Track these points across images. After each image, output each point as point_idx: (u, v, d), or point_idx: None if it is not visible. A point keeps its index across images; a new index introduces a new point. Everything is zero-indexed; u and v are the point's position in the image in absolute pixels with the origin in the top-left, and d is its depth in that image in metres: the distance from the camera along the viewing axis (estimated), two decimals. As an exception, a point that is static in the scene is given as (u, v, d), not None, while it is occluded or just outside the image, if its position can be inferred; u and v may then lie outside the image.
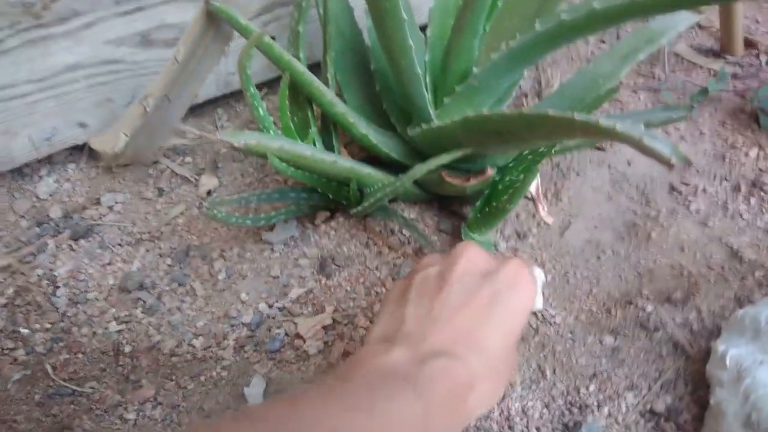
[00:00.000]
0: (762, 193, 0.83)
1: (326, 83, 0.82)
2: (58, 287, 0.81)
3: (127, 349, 0.74)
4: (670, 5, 0.56)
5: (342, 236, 0.84)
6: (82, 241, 0.86)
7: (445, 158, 0.67)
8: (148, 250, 0.85)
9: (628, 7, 0.56)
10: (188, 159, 0.97)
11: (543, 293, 0.74)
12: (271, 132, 0.76)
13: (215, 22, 0.74)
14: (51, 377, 0.73)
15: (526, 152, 0.74)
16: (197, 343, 0.73)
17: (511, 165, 0.73)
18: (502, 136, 0.62)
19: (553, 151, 0.69)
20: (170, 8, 0.89)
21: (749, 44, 1.09)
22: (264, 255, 0.82)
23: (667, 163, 0.41)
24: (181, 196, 0.92)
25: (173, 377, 0.70)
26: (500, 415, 0.63)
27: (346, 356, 0.69)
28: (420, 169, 0.67)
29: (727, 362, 0.58)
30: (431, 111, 0.78)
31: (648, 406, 0.63)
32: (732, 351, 0.59)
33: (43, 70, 0.86)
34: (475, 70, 0.74)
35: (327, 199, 0.84)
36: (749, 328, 0.60)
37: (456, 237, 0.82)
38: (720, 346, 0.62)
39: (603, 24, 0.63)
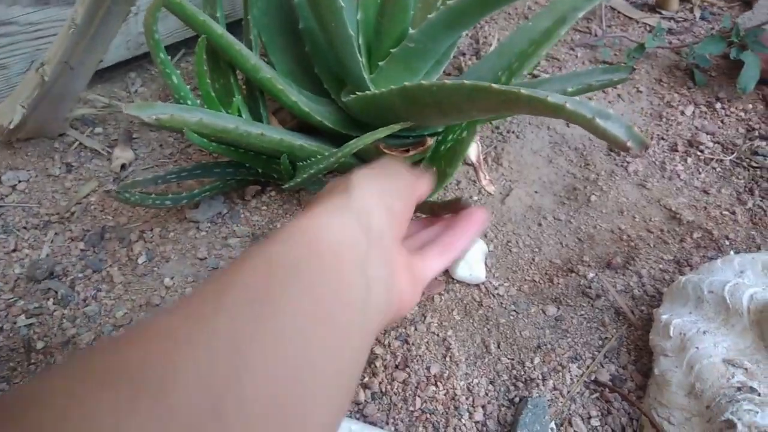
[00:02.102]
0: (698, 153, 0.83)
1: (249, 46, 0.75)
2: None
3: (40, 345, 0.67)
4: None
5: (274, 212, 0.78)
6: (-19, 226, 0.78)
7: (382, 132, 0.62)
8: (57, 234, 0.77)
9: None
10: (98, 130, 0.88)
11: (486, 264, 0.72)
12: (189, 102, 0.69)
13: (117, -23, 0.65)
14: (-47, 381, 0.65)
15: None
16: (117, 334, 0.67)
17: (453, 126, 0.69)
18: (441, 108, 0.57)
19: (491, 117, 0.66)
20: (67, -40, 0.79)
21: (683, -1, 1.09)
22: (189, 235, 0.76)
23: (622, 147, 0.38)
24: (92, 172, 0.84)
25: (92, 375, 0.64)
26: (445, 395, 0.61)
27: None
28: (356, 143, 0.62)
29: (671, 332, 0.58)
30: (366, 75, 0.73)
31: (592, 377, 0.62)
32: (675, 320, 0.58)
33: None
34: (411, 31, 0.69)
35: (256, 173, 0.78)
36: (692, 296, 0.59)
37: (394, 208, 0.78)
38: (662, 314, 0.61)
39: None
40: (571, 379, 0.62)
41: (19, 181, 0.83)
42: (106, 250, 0.75)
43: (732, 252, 0.71)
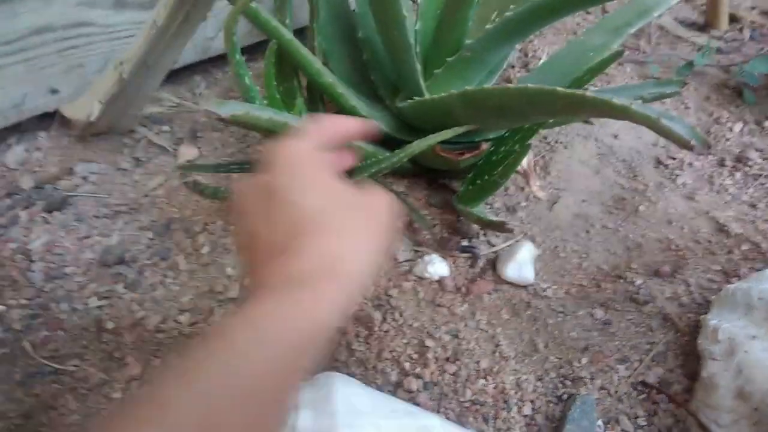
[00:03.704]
0: (746, 168, 0.84)
1: (313, 52, 0.79)
2: (33, 261, 0.78)
3: (110, 325, 0.71)
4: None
5: (329, 209, 0.82)
6: (56, 213, 0.83)
7: (445, 135, 0.65)
8: (126, 223, 0.82)
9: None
10: (166, 128, 0.94)
11: (534, 267, 0.74)
12: (257, 102, 0.73)
13: (198, -16, 0.70)
14: (31, 356, 0.70)
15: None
16: (183, 318, 0.71)
17: (506, 137, 0.72)
18: (503, 112, 0.60)
19: (549, 122, 0.68)
20: (147, -32, 0.84)
21: (733, 19, 1.10)
22: (249, 228, 0.80)
23: (686, 146, 0.40)
24: (159, 167, 0.88)
25: (159, 354, 0.68)
26: (495, 388, 0.63)
27: (340, 333, 0.68)
28: (419, 145, 0.65)
29: (720, 336, 0.59)
30: (421, 83, 0.76)
31: (639, 378, 0.64)
32: (724, 325, 0.60)
33: (10, 32, 0.81)
34: (467, 41, 0.72)
35: (314, 171, 0.81)
36: (741, 303, 0.61)
37: (446, 210, 0.81)
38: (711, 320, 0.63)
39: (603, -4, 0.62)
40: (618, 379, 0.64)
41: (91, 173, 0.88)
42: (173, 240, 0.79)
43: (780, 264, 0.72)
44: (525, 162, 0.82)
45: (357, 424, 0.49)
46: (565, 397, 0.62)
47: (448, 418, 0.61)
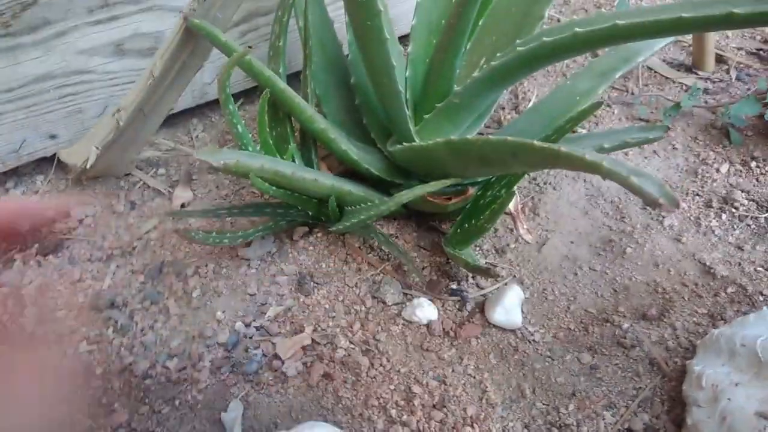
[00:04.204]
0: (733, 209, 0.85)
1: (306, 98, 0.81)
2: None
3: (98, 370, 0.72)
4: (649, 33, 0.57)
5: (320, 252, 0.83)
6: (50, 257, 0.84)
7: (432, 187, 0.67)
8: (119, 266, 0.83)
9: (610, 32, 0.57)
10: (161, 171, 0.95)
11: (522, 310, 0.74)
12: (250, 148, 0.75)
13: (193, 37, 0.72)
14: (19, 401, 0.70)
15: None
16: (171, 364, 0.72)
17: (492, 181, 0.73)
18: (486, 161, 0.62)
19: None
20: (146, 17, 0.87)
21: (720, 60, 1.12)
22: (240, 271, 0.81)
23: (654, 204, 0.41)
24: (153, 210, 0.90)
25: (147, 401, 0.69)
26: (481, 436, 0.63)
27: (327, 378, 0.69)
28: (407, 195, 0.66)
29: (704, 383, 0.59)
30: (411, 127, 0.78)
31: (626, 426, 0.64)
32: (708, 372, 0.60)
33: (12, 80, 0.83)
34: (456, 88, 0.74)
35: (305, 215, 0.83)
36: (725, 348, 0.61)
37: (435, 252, 0.82)
38: (696, 366, 0.63)
39: (584, 48, 0.63)
40: (605, 426, 0.64)
41: (86, 216, 0.89)
42: (164, 284, 0.80)
43: (765, 307, 0.72)
44: (512, 205, 0.83)
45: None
46: (551, 444, 0.62)
47: (433, 467, 0.60)
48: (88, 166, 0.79)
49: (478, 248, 0.83)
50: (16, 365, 0.34)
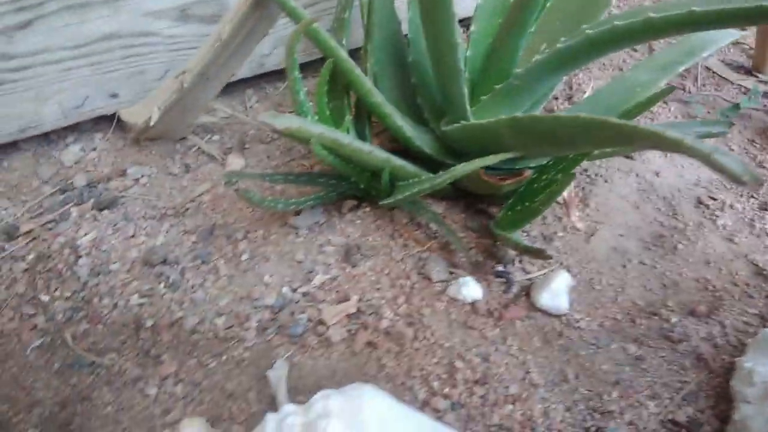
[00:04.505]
0: (789, 214, 0.84)
1: (365, 73, 0.81)
2: (80, 256, 0.81)
3: (149, 323, 0.74)
4: (726, 20, 0.56)
5: (368, 226, 0.83)
6: (106, 212, 0.86)
7: (492, 159, 0.67)
8: (172, 226, 0.85)
9: (685, 19, 0.56)
10: (216, 137, 0.97)
11: (568, 297, 0.74)
12: (309, 117, 0.76)
13: (263, 3, 0.73)
14: (70, 346, 0.72)
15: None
16: (219, 322, 0.73)
17: (549, 165, 0.73)
18: (552, 140, 0.62)
19: (593, 153, 0.69)
20: (212, -16, 0.89)
21: (782, 64, 1.09)
22: (288, 239, 0.82)
23: (738, 181, 0.41)
24: (207, 174, 0.92)
25: (195, 354, 0.70)
26: (522, 415, 0.63)
27: (371, 347, 0.70)
28: (464, 168, 0.66)
29: (754, 379, 0.59)
30: (468, 108, 0.78)
31: (670, 416, 0.63)
32: (760, 369, 0.59)
33: (80, 37, 0.86)
34: (517, 70, 0.74)
35: (355, 188, 0.84)
36: (779, 346, 0.60)
37: (483, 235, 0.82)
38: (746, 362, 0.62)
39: (656, 34, 0.63)
40: (648, 416, 0.63)
41: (142, 176, 0.91)
42: (215, 245, 0.82)
43: (821, 313, 0.71)
44: (565, 193, 0.82)
45: (386, 436, 0.50)
46: (593, 429, 0.62)
47: (474, 440, 0.61)
48: (151, 124, 0.80)
49: (525, 234, 0.83)
50: None
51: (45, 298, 0.77)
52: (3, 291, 0.78)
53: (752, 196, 0.87)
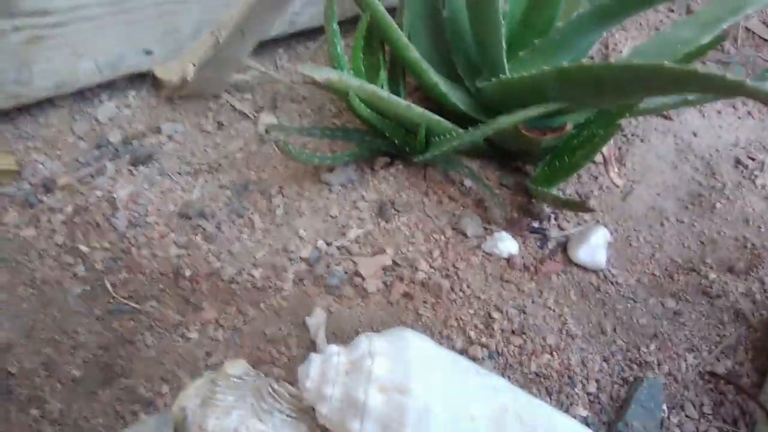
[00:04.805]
0: (831, 174, 0.82)
1: (401, 27, 0.81)
2: (117, 209, 0.82)
3: (187, 273, 0.75)
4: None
5: (401, 183, 0.83)
6: (141, 167, 0.87)
7: (535, 110, 0.66)
8: (207, 181, 0.85)
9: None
10: (248, 96, 0.97)
11: (606, 253, 0.74)
12: (345, 71, 0.76)
13: (299, -47, 0.73)
14: (111, 294, 0.74)
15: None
16: (257, 273, 0.74)
17: (591, 120, 0.72)
18: (601, 89, 0.60)
19: (636, 107, 0.68)
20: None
21: (825, 26, 1.07)
22: (322, 195, 0.82)
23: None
24: (239, 132, 0.92)
25: (234, 303, 0.71)
26: (560, 364, 0.63)
27: (407, 297, 0.70)
28: (506, 120, 0.66)
29: (798, 330, 0.58)
30: (505, 63, 0.77)
31: (708, 368, 0.63)
32: (804, 320, 0.59)
33: (115, -9, 0.86)
34: (558, 24, 0.72)
35: (388, 145, 0.83)
36: (824, 298, 0.59)
37: (518, 192, 0.82)
38: (789, 315, 0.61)
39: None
40: (686, 367, 0.63)
41: (176, 132, 0.92)
42: (249, 200, 0.82)
43: None
44: (604, 150, 0.82)
45: (430, 377, 0.50)
46: (630, 379, 0.62)
47: (512, 387, 0.61)
48: (189, 79, 0.81)
49: (560, 192, 0.82)
50: None
51: (84, 248, 0.78)
52: (42, 241, 0.79)
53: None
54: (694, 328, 0.67)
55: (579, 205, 0.70)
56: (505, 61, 0.77)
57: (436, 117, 0.77)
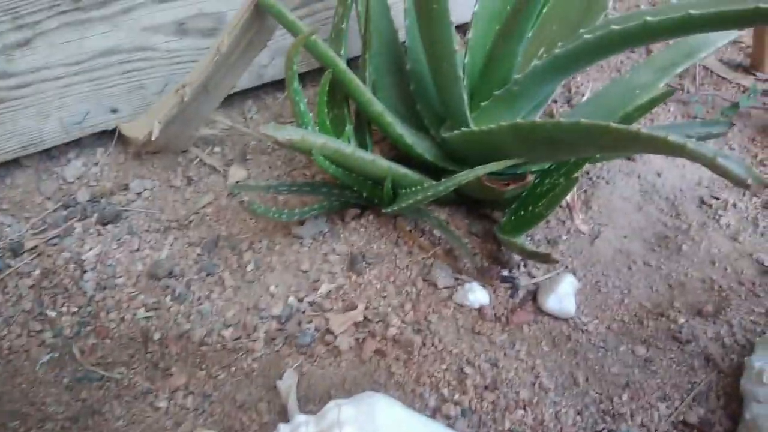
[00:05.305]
0: (792, 211, 0.84)
1: (364, 82, 0.82)
2: (85, 271, 0.81)
3: (156, 335, 0.74)
4: (723, 23, 0.56)
5: (372, 234, 0.83)
6: (109, 226, 0.86)
7: (495, 167, 0.67)
8: (176, 238, 0.85)
9: (682, 22, 0.56)
10: (217, 149, 0.97)
11: (575, 300, 0.74)
12: (309, 128, 0.76)
13: (261, 15, 0.74)
14: (79, 361, 0.73)
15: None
16: (227, 333, 0.73)
17: (552, 169, 0.73)
18: (553, 145, 0.62)
19: (595, 156, 0.69)
20: (209, -3, 0.89)
21: (779, 62, 1.10)
22: (293, 249, 0.82)
23: (742, 184, 0.41)
24: (209, 186, 0.92)
25: (204, 366, 0.70)
26: (534, 420, 0.63)
27: (379, 354, 0.69)
28: (467, 175, 0.67)
29: (765, 379, 0.59)
30: (468, 114, 0.78)
31: (681, 418, 0.63)
32: (770, 367, 0.59)
33: (79, 53, 0.86)
34: (516, 76, 0.74)
35: (358, 197, 0.84)
36: (788, 345, 0.60)
37: (487, 240, 0.82)
38: (756, 362, 0.62)
39: (653, 37, 0.63)
40: (659, 417, 0.63)
41: (144, 189, 0.91)
42: (219, 257, 0.82)
43: (828, 310, 0.71)
44: (568, 196, 0.83)
45: (399, 445, 0.50)
46: (604, 432, 0.62)
47: (485, 446, 0.61)
48: (152, 138, 0.81)
49: (529, 238, 0.83)
50: None
51: (52, 313, 0.77)
52: (10, 308, 0.78)
53: (755, 195, 0.87)
54: (666, 375, 0.67)
55: (544, 257, 0.71)
56: (467, 112, 0.78)
57: (403, 170, 0.78)
